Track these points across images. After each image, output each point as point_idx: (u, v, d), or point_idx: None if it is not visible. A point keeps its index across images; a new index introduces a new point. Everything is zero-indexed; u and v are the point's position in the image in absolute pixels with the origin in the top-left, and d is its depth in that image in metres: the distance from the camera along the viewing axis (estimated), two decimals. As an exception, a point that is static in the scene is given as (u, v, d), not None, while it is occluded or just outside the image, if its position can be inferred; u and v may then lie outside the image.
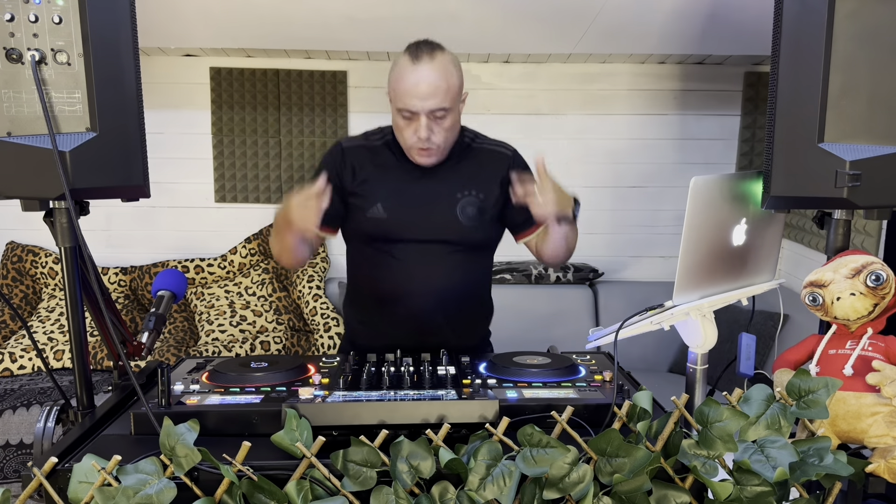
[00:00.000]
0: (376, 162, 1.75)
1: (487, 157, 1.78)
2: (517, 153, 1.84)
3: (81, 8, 1.15)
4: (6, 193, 1.18)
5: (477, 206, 1.74)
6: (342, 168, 1.75)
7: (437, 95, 1.58)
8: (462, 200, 1.73)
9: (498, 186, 1.76)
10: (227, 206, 3.63)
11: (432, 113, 1.60)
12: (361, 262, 1.83)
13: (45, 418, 1.25)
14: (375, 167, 1.74)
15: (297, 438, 1.05)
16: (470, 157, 1.77)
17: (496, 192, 1.76)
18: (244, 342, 3.23)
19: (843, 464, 1.04)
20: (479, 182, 1.75)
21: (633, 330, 1.31)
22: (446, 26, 2.82)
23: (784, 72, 1.28)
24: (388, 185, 1.73)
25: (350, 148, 1.77)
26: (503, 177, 1.75)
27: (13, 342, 3.13)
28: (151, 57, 3.45)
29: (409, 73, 1.59)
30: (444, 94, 1.59)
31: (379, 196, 1.72)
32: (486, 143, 1.82)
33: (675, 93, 3.55)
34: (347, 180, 1.74)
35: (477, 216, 1.74)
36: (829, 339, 1.24)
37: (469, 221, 1.73)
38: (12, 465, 2.71)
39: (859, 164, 1.24)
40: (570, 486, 1.02)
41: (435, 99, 1.59)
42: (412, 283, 1.75)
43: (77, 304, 1.29)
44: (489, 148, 1.81)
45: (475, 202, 1.74)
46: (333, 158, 1.77)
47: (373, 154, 1.75)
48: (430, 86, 1.58)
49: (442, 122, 1.63)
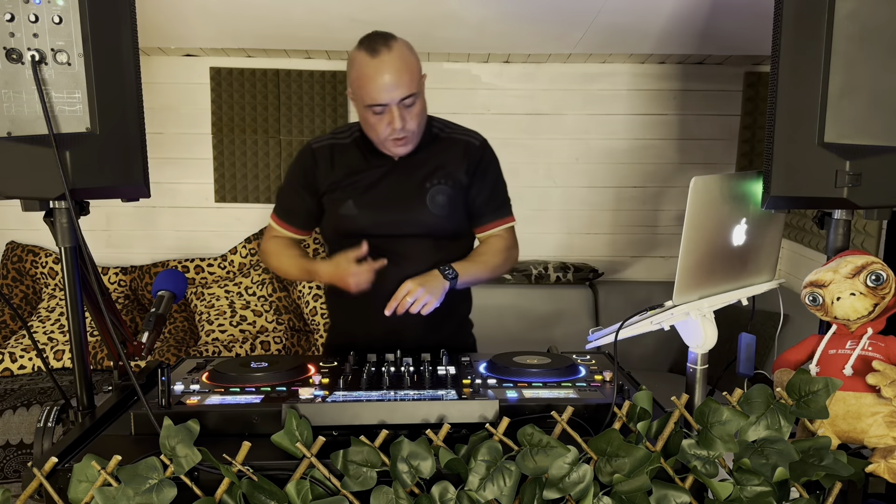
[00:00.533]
0: (346, 160, 1.77)
1: (454, 146, 1.79)
2: (486, 143, 1.84)
3: (81, 8, 1.15)
4: (6, 193, 1.18)
5: (446, 195, 1.74)
6: (314, 168, 1.77)
7: (403, 84, 1.60)
8: (431, 190, 1.74)
9: (465, 175, 1.77)
10: (227, 206, 3.63)
11: (402, 102, 1.62)
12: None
13: (45, 418, 1.25)
14: (345, 165, 1.76)
15: (297, 438, 1.05)
16: (438, 146, 1.78)
17: (464, 181, 1.77)
18: (244, 342, 3.23)
19: (842, 464, 1.04)
20: (447, 171, 1.76)
21: (633, 330, 1.31)
22: (446, 26, 2.83)
23: (784, 72, 1.28)
24: (358, 183, 1.75)
25: (319, 148, 1.79)
26: (469, 165, 1.77)
27: (13, 342, 3.13)
28: (151, 57, 3.45)
29: (371, 69, 1.60)
30: (408, 81, 1.61)
31: (350, 193, 1.74)
32: (454, 133, 1.82)
33: (675, 93, 3.55)
34: (320, 180, 1.77)
35: (447, 204, 1.75)
36: (829, 339, 1.24)
37: (439, 210, 1.74)
38: (12, 465, 2.71)
39: (859, 164, 1.24)
40: (570, 486, 1.02)
41: (401, 88, 1.60)
42: (388, 275, 1.75)
43: (77, 304, 1.29)
44: (456, 137, 1.81)
45: (444, 190, 1.74)
46: (304, 161, 1.80)
47: (342, 152, 1.78)
48: (394, 76, 1.59)
49: (412, 109, 1.65)
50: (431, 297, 1.60)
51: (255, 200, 3.60)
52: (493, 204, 1.82)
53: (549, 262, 3.55)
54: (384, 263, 1.65)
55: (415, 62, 1.66)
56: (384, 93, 1.60)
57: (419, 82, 1.67)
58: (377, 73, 1.59)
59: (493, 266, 1.79)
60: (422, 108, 1.69)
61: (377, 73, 1.59)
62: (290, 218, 1.86)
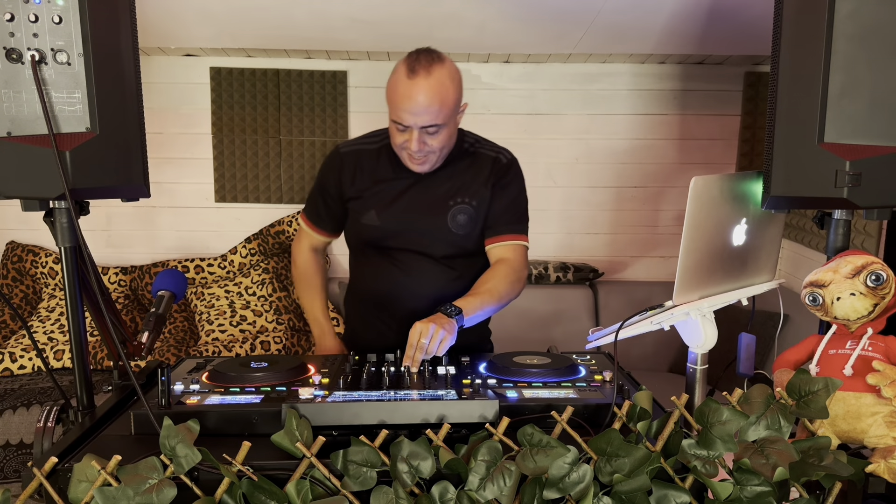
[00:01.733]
0: (372, 167, 1.74)
1: (483, 162, 1.76)
2: (514, 161, 1.79)
3: (81, 8, 1.15)
4: (6, 193, 1.18)
5: (468, 214, 1.72)
6: (341, 173, 1.76)
7: (430, 113, 1.56)
8: (453, 208, 1.72)
9: (488, 189, 1.74)
10: (227, 206, 3.63)
11: (424, 129, 1.58)
12: (359, 265, 1.85)
13: (45, 418, 1.25)
14: (371, 173, 1.74)
15: (297, 438, 1.05)
16: (466, 163, 1.75)
17: (486, 195, 1.74)
18: (244, 342, 3.23)
19: (842, 464, 1.04)
20: (473, 189, 1.73)
21: (633, 330, 1.31)
22: (447, 26, 2.83)
23: (784, 72, 1.28)
24: (381, 193, 1.73)
25: (347, 153, 1.77)
26: (492, 179, 1.74)
27: (13, 342, 3.13)
28: (151, 57, 3.45)
29: (403, 87, 1.56)
30: (436, 112, 1.56)
31: (373, 203, 1.73)
32: (483, 148, 1.79)
33: (675, 93, 3.55)
34: (346, 185, 1.75)
35: (468, 224, 1.73)
36: (829, 339, 1.24)
37: (460, 230, 1.72)
38: (12, 465, 2.71)
39: (859, 164, 1.24)
40: (570, 486, 1.02)
41: (427, 116, 1.56)
42: (406, 289, 1.75)
43: (77, 304, 1.29)
44: (485, 153, 1.78)
45: (467, 209, 1.72)
46: (332, 165, 1.78)
47: (369, 159, 1.75)
48: (423, 103, 1.55)
49: (436, 136, 1.61)
50: (445, 333, 1.48)
51: (255, 200, 3.60)
52: (508, 216, 1.77)
53: (550, 262, 3.55)
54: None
55: (452, 93, 1.59)
56: (408, 116, 1.56)
57: (450, 114, 1.60)
58: (407, 95, 1.55)
59: (500, 294, 1.68)
60: (447, 138, 1.64)
61: (407, 95, 1.55)
62: (318, 220, 1.85)
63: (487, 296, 1.66)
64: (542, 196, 3.56)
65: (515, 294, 1.74)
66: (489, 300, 1.66)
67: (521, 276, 1.76)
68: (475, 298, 1.64)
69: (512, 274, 1.72)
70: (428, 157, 1.65)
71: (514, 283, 1.72)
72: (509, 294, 1.71)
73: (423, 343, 1.44)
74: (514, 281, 1.72)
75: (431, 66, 1.56)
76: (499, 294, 1.68)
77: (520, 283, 1.75)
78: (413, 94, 1.54)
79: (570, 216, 3.65)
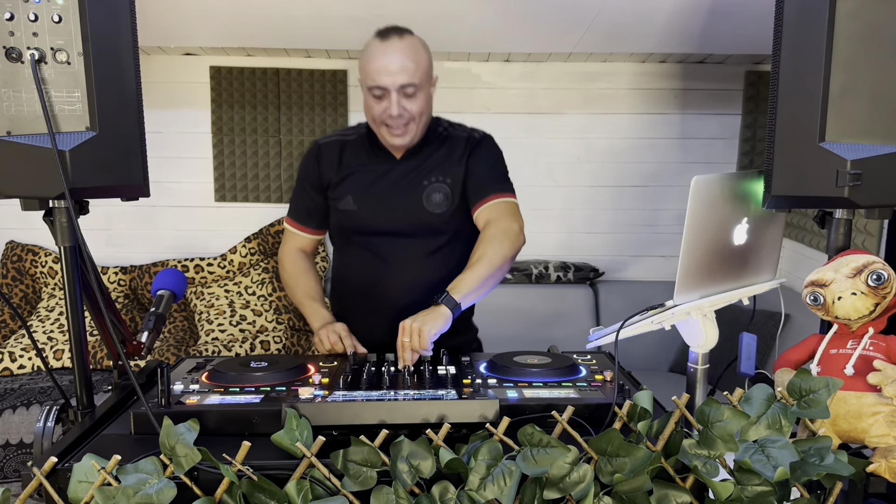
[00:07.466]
0: (349, 155, 1.78)
1: (457, 143, 1.78)
2: (487, 136, 1.80)
3: (81, 7, 1.15)
4: (6, 193, 1.18)
5: (443, 193, 1.73)
6: (319, 162, 1.79)
7: (407, 71, 1.61)
8: (427, 188, 1.73)
9: (462, 166, 1.75)
10: (226, 206, 3.63)
11: (402, 89, 1.62)
12: (341, 256, 1.86)
13: (45, 418, 1.25)
14: (347, 160, 1.77)
15: (297, 438, 1.05)
16: (440, 145, 1.78)
17: (460, 172, 1.74)
18: (244, 342, 3.23)
19: (843, 464, 1.04)
20: (446, 167, 1.75)
21: (634, 330, 1.31)
22: (447, 25, 2.82)
23: (785, 71, 1.28)
24: (358, 178, 1.75)
25: (325, 143, 1.81)
26: (465, 154, 1.75)
27: (13, 342, 3.13)
28: (151, 56, 3.44)
29: (378, 52, 1.63)
30: (412, 70, 1.62)
31: (350, 188, 1.75)
32: (457, 131, 1.81)
33: (675, 92, 3.55)
34: (325, 173, 1.78)
35: (443, 202, 1.73)
36: (830, 339, 1.24)
37: (435, 209, 1.73)
38: (12, 464, 2.71)
39: (860, 164, 1.24)
40: (570, 485, 1.01)
41: (404, 74, 1.61)
42: (387, 274, 1.75)
43: (77, 304, 1.28)
44: (459, 134, 1.80)
45: (441, 188, 1.73)
46: (311, 156, 1.81)
47: (346, 148, 1.79)
48: (399, 62, 1.61)
49: (413, 100, 1.64)
50: (420, 325, 1.45)
51: (254, 200, 3.60)
52: (488, 178, 1.73)
53: (550, 262, 3.55)
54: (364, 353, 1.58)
55: (424, 57, 1.67)
56: (386, 76, 1.61)
57: (425, 78, 1.66)
58: (382, 55, 1.62)
59: (492, 259, 1.60)
60: (424, 105, 1.68)
61: (382, 55, 1.62)
62: (302, 218, 1.85)
63: (480, 266, 1.59)
64: (542, 195, 3.56)
65: (515, 250, 1.66)
66: (483, 269, 1.59)
67: (514, 229, 1.68)
68: (466, 274, 1.59)
69: (501, 233, 1.65)
70: (409, 126, 1.67)
71: (506, 240, 1.64)
72: (505, 255, 1.63)
73: (405, 341, 1.44)
74: (506, 238, 1.64)
75: (403, 34, 1.66)
76: (491, 259, 1.60)
77: (515, 236, 1.67)
78: (388, 53, 1.61)
79: (570, 215, 3.64)
